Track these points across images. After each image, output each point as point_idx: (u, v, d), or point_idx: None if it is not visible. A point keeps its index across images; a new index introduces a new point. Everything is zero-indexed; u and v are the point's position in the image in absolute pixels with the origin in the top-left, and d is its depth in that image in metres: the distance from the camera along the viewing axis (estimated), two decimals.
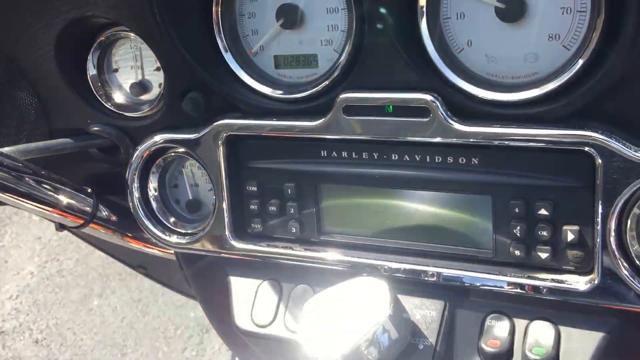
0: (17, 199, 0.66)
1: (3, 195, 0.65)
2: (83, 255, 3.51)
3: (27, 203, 0.68)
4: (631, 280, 0.57)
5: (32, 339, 2.93)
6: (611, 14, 0.56)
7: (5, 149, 0.67)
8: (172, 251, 0.83)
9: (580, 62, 0.57)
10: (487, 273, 0.64)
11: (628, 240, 0.58)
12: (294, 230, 0.72)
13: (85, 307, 3.10)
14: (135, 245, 0.81)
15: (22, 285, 3.28)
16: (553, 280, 0.61)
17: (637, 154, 0.55)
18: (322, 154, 0.69)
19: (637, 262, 0.58)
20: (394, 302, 0.61)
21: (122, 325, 2.78)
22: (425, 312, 0.65)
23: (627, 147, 0.56)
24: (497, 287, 0.63)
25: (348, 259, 0.69)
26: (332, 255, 0.70)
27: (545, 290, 0.61)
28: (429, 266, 0.66)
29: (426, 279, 0.66)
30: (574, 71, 0.58)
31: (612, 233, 0.57)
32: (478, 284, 0.64)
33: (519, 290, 0.63)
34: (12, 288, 3.28)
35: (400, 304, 0.64)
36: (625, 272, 0.57)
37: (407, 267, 0.67)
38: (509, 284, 0.63)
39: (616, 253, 0.57)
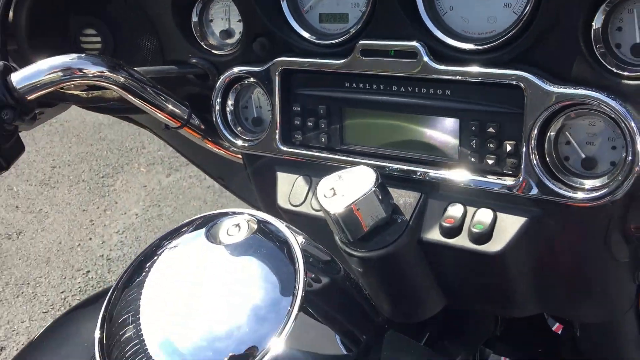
0: (141, 101, 0.99)
1: (133, 99, 0.97)
2: (179, 204, 3.95)
3: (146, 105, 1.00)
4: (543, 176, 0.81)
5: None
6: None
7: (137, 68, 1.00)
8: (239, 156, 1.14)
9: (520, 23, 0.81)
10: (453, 174, 0.90)
11: (545, 149, 0.82)
12: (323, 140, 1.00)
13: None
14: (212, 147, 1.12)
15: (127, 224, 3.77)
16: (496, 179, 0.86)
17: (550, 87, 0.79)
18: (346, 85, 0.96)
19: (548, 159, 0.81)
20: (381, 183, 0.87)
21: None
22: (406, 199, 0.92)
23: (545, 83, 0.79)
24: (458, 184, 0.89)
25: (360, 161, 0.96)
26: (349, 158, 0.98)
27: (489, 186, 0.86)
28: (414, 168, 0.92)
29: (413, 176, 0.92)
30: (515, 29, 0.82)
31: (532, 144, 0.81)
32: (445, 181, 0.90)
33: (472, 186, 0.88)
34: (119, 225, 3.77)
35: (388, 191, 0.90)
36: (538, 169, 0.81)
37: (401, 168, 0.93)
38: (466, 181, 0.88)
39: (535, 156, 0.81)
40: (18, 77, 0.87)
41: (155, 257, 0.78)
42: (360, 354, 0.79)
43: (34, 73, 0.88)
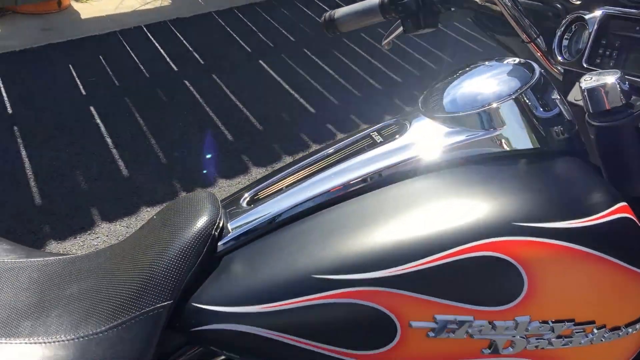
0: (512, 19, 1.67)
1: (507, 15, 1.62)
2: None
3: (514, 22, 1.67)
4: None
5: None
6: None
7: None
8: (557, 70, 1.71)
9: None
10: None
11: None
12: (605, 63, 1.52)
13: None
14: (542, 59, 1.71)
15: None
16: None
17: None
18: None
19: None
20: (623, 89, 1.34)
21: None
22: None
23: None
24: None
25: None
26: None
27: None
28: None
29: None
30: None
31: None
32: None
33: None
34: None
35: (629, 92, 1.25)
36: None
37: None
38: None
39: None
40: None
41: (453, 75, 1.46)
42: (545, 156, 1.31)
43: None
